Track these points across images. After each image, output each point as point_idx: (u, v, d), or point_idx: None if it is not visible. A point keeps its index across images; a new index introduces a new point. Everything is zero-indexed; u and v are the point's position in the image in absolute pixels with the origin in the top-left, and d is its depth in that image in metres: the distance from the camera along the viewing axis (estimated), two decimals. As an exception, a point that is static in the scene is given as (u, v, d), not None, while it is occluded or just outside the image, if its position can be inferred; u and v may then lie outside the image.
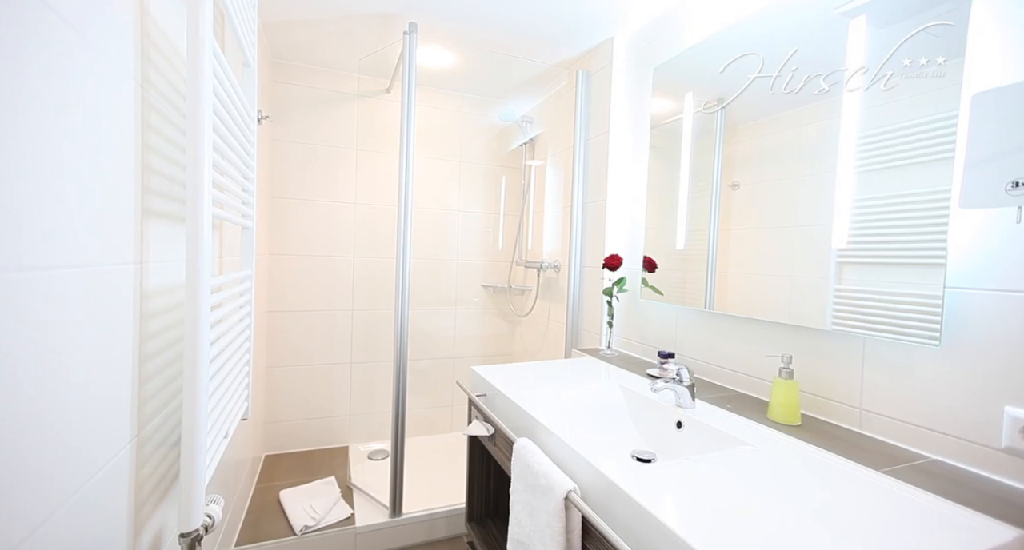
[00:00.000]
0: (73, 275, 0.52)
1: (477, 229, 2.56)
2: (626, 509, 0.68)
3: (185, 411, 0.67)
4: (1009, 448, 0.70)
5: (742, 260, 1.19)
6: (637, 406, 1.17)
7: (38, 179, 0.47)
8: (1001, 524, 0.61)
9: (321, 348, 2.23)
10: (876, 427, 0.88)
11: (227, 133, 0.89)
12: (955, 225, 0.77)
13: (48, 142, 0.48)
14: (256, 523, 1.56)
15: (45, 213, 0.48)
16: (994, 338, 0.73)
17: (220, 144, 0.84)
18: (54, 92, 0.49)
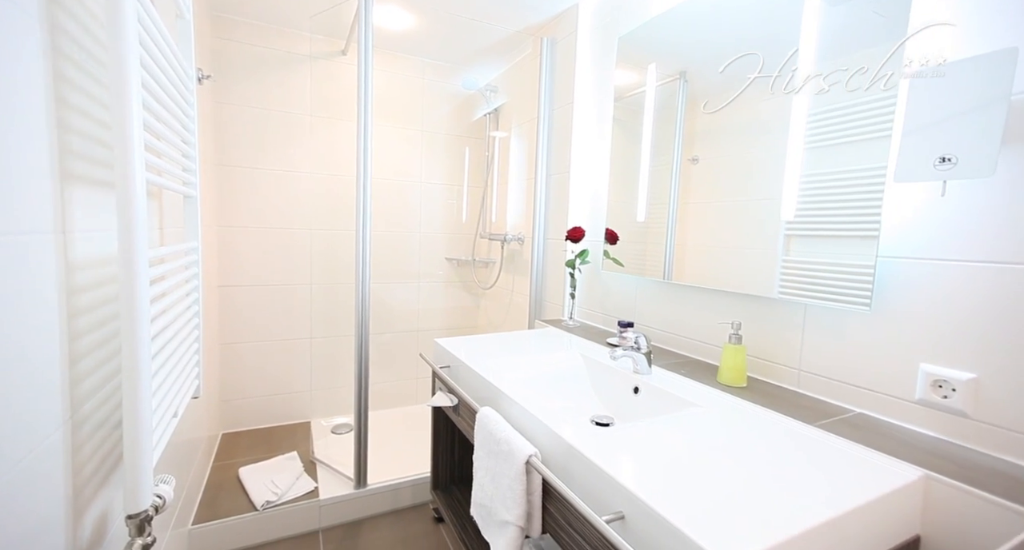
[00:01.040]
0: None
1: (440, 201, 2.51)
2: (584, 470, 0.71)
3: (126, 391, 0.63)
4: (922, 400, 0.78)
5: (699, 233, 1.23)
6: (597, 374, 1.21)
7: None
8: (910, 466, 0.68)
9: (279, 323, 2.16)
10: (812, 386, 0.96)
11: (159, 91, 0.81)
12: (889, 199, 0.82)
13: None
14: (214, 501, 1.54)
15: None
16: (915, 302, 0.79)
17: (152, 102, 0.77)
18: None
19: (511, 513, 0.85)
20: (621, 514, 0.63)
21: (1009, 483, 0.63)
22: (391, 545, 1.52)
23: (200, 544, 1.42)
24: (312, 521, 1.57)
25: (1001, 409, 0.70)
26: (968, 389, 0.72)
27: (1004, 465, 0.68)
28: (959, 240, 0.74)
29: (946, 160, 0.71)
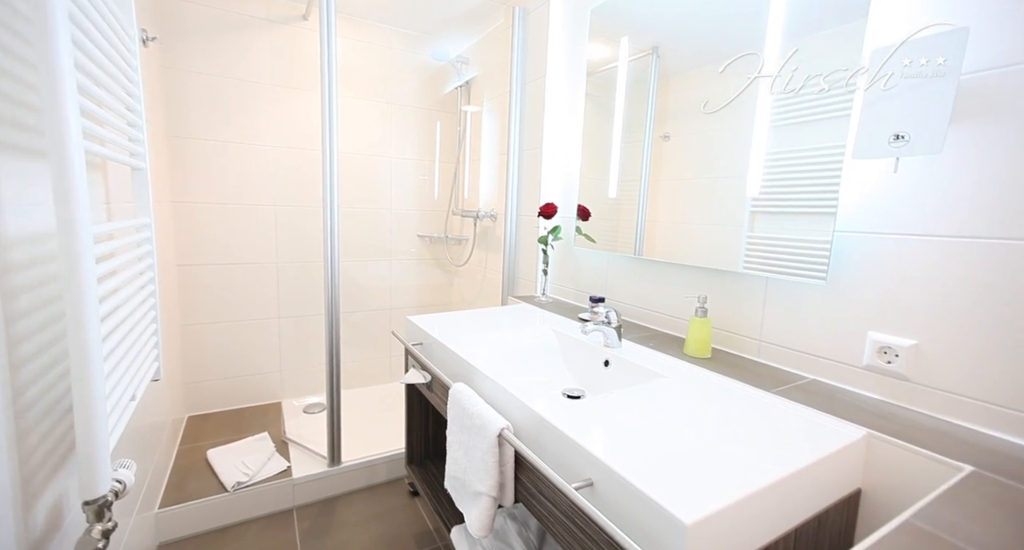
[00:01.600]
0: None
1: (411, 177, 2.44)
2: (555, 441, 0.73)
3: (75, 375, 0.60)
4: (868, 366, 0.83)
5: (670, 209, 1.25)
6: (569, 348, 1.24)
7: None
8: (855, 426, 0.73)
9: (245, 303, 2.09)
10: (771, 355, 1.00)
11: (96, 51, 0.74)
12: (847, 176, 0.85)
13: None
14: (182, 484, 1.51)
15: None
16: (866, 275, 0.83)
17: (86, 63, 0.70)
18: None
19: (484, 484, 0.87)
20: (590, 481, 0.65)
21: (941, 439, 0.69)
22: (367, 519, 1.54)
23: (169, 527, 1.40)
24: (286, 499, 1.56)
25: (937, 372, 0.75)
26: (910, 355, 0.78)
27: (938, 423, 0.74)
28: (908, 215, 0.78)
29: (900, 137, 0.73)
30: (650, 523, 0.55)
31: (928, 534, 0.50)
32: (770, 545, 0.60)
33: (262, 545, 1.41)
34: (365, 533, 1.47)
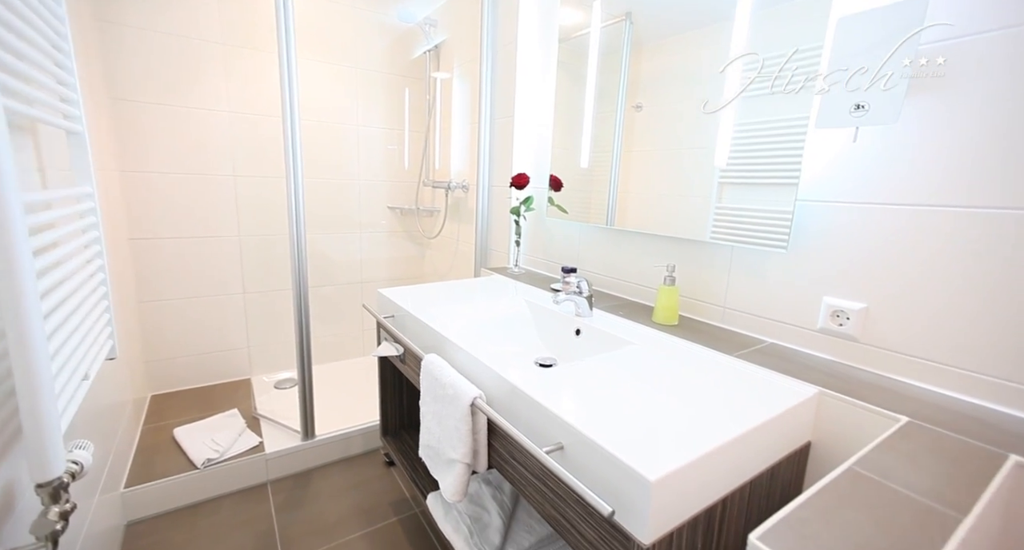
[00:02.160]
0: None
1: (380, 147, 2.35)
2: (527, 408, 0.74)
3: (14, 356, 0.56)
4: (823, 328, 0.88)
5: (642, 180, 1.25)
6: (541, 318, 1.25)
7: None
8: (808, 385, 0.77)
9: (207, 279, 2.00)
10: (735, 321, 1.04)
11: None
12: (809, 146, 0.86)
13: None
14: (148, 463, 1.47)
15: None
16: (824, 242, 0.87)
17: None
18: None
19: (457, 452, 0.89)
20: (560, 445, 0.67)
21: (883, 394, 0.74)
22: (343, 490, 1.55)
23: (137, 506, 1.37)
24: (259, 474, 1.56)
25: (883, 333, 0.80)
26: (859, 317, 0.82)
27: (881, 380, 0.79)
28: (863, 184, 0.80)
29: (860, 107, 0.75)
30: (617, 481, 0.57)
31: (867, 478, 0.54)
32: (727, 496, 0.64)
33: (236, 519, 1.41)
34: (341, 503, 1.49)
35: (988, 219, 0.68)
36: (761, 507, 0.71)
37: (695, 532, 0.62)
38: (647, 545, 0.56)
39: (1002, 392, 0.68)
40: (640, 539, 0.56)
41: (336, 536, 1.36)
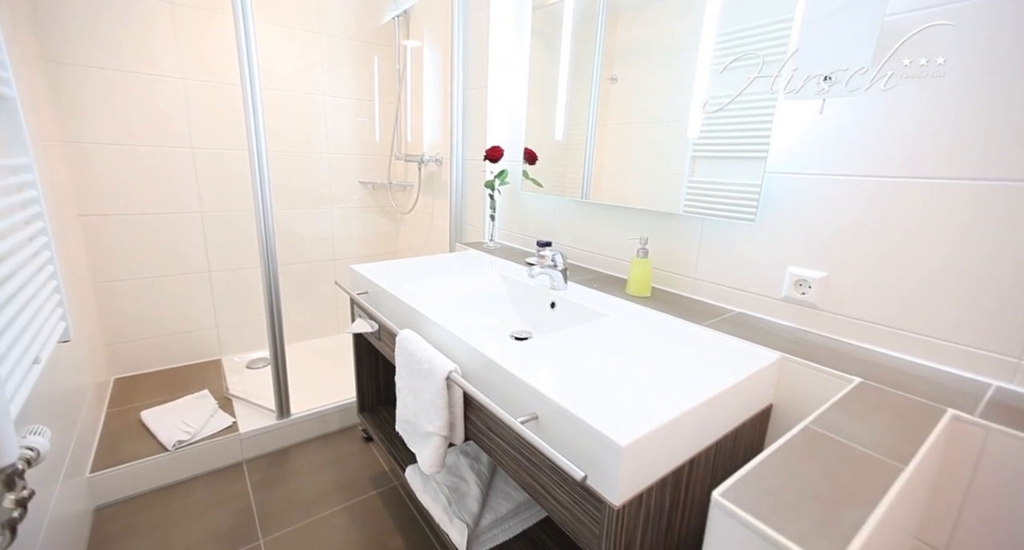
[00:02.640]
0: None
1: (350, 118, 2.26)
2: (502, 380, 0.75)
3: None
4: (786, 297, 0.91)
5: (617, 153, 1.24)
6: (516, 292, 1.25)
7: None
8: (771, 351, 0.81)
9: (168, 257, 1.91)
10: (704, 292, 1.07)
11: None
12: (778, 119, 0.87)
13: None
14: (115, 447, 1.43)
15: None
16: (789, 213, 0.89)
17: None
18: None
19: (433, 425, 0.90)
20: (535, 415, 0.68)
21: (839, 357, 0.78)
22: (321, 466, 1.56)
23: (104, 490, 1.34)
24: (234, 454, 1.54)
25: (841, 301, 0.84)
26: (820, 286, 0.85)
27: (838, 344, 0.83)
28: (827, 156, 0.82)
29: (828, 79, 0.75)
30: (590, 448, 0.59)
31: (821, 435, 0.57)
32: (694, 457, 0.67)
33: (212, 498, 1.40)
34: (320, 479, 1.50)
35: (943, 190, 0.70)
36: (726, 466, 0.74)
37: (663, 492, 0.65)
38: (618, 506, 0.58)
39: (945, 352, 0.73)
40: (611, 501, 0.58)
41: (316, 511, 1.37)
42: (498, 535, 1.08)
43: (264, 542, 1.25)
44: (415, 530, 1.32)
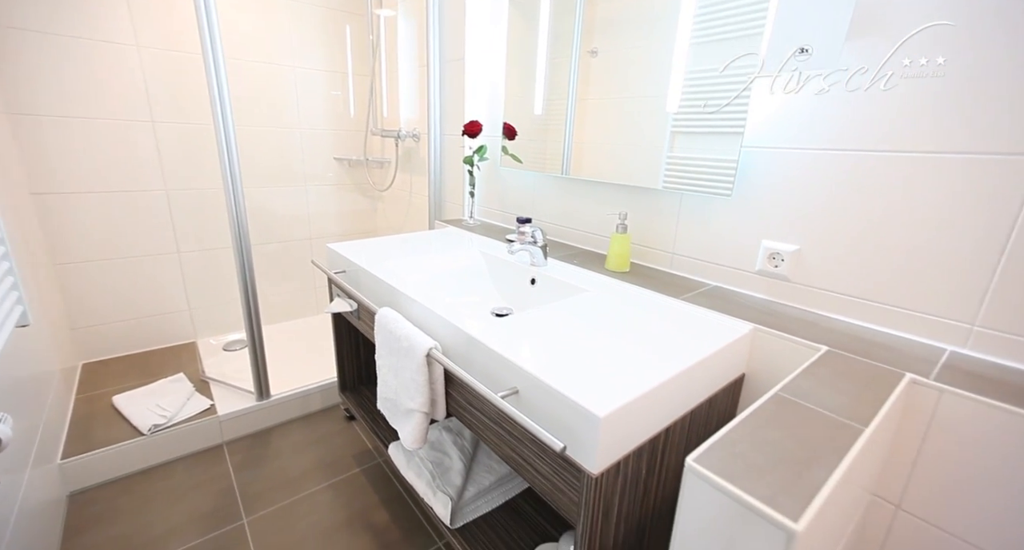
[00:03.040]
0: None
1: (322, 91, 2.16)
2: (482, 356, 0.75)
3: None
4: (760, 270, 0.94)
5: (597, 128, 1.23)
6: (496, 269, 1.25)
7: None
8: (744, 322, 0.83)
9: (133, 237, 1.83)
10: (682, 266, 1.09)
11: None
12: (755, 93, 0.87)
13: None
14: (86, 434, 1.40)
15: None
16: (764, 187, 0.90)
17: None
18: None
19: (415, 402, 0.90)
20: (515, 389, 0.69)
21: (808, 327, 0.81)
22: (304, 446, 1.56)
23: (78, 476, 1.31)
24: (213, 436, 1.53)
25: (812, 273, 0.86)
26: (792, 258, 0.88)
27: (807, 315, 0.86)
28: (805, 129, 0.83)
29: (804, 51, 0.75)
30: (570, 420, 0.60)
31: (789, 402, 0.60)
32: (670, 426, 0.69)
33: (192, 481, 1.39)
34: (303, 458, 1.50)
35: (909, 162, 0.72)
36: (700, 433, 0.77)
37: (640, 460, 0.67)
38: (596, 474, 0.60)
39: (906, 320, 0.76)
40: (590, 470, 0.60)
41: (300, 489, 1.37)
42: (481, 506, 1.11)
43: (248, 521, 1.25)
44: (400, 505, 1.34)
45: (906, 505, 0.69)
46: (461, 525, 1.06)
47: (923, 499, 0.67)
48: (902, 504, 0.70)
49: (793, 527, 0.41)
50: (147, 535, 1.20)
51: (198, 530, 1.22)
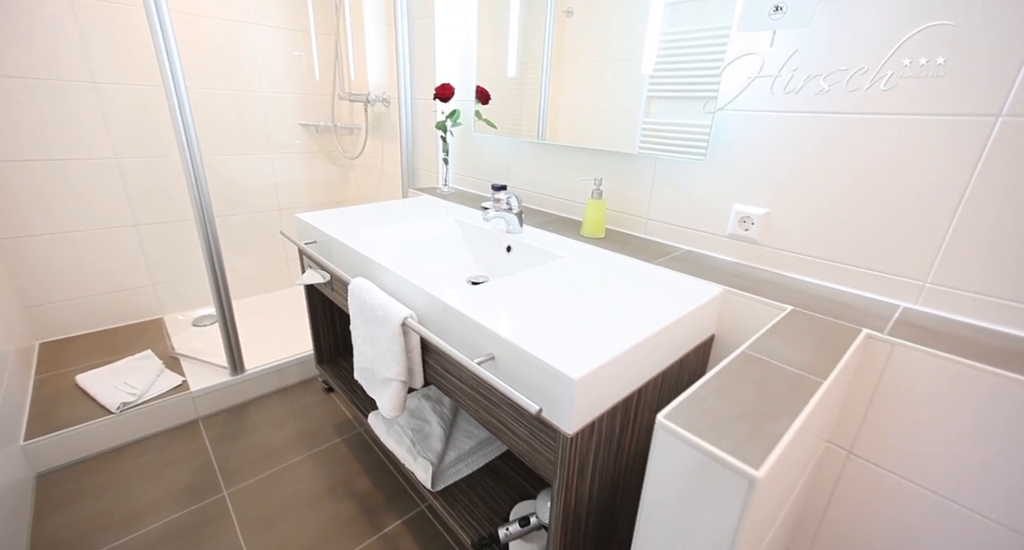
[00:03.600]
0: None
1: (283, 52, 2.03)
2: (459, 324, 0.75)
3: None
4: (731, 234, 0.95)
5: (574, 92, 1.19)
6: (472, 237, 1.23)
7: None
8: (715, 285, 0.85)
9: (83, 210, 1.72)
10: (656, 231, 1.10)
11: None
12: (731, 53, 0.86)
13: None
14: (49, 414, 1.35)
15: None
16: (737, 151, 0.91)
17: None
18: None
19: (392, 371, 0.90)
20: (491, 355, 0.69)
21: (775, 288, 0.83)
22: (282, 419, 1.55)
23: (45, 456, 1.28)
24: (187, 412, 1.50)
25: (779, 236, 0.88)
26: (762, 222, 0.89)
27: (775, 277, 0.89)
28: (777, 91, 0.82)
29: (779, 9, 0.74)
30: (545, 383, 0.61)
31: (755, 359, 0.62)
32: (643, 386, 0.72)
33: (168, 457, 1.37)
34: (283, 430, 1.50)
35: (876, 124, 0.73)
36: (671, 392, 0.80)
37: (614, 419, 0.69)
38: (571, 434, 0.61)
39: (865, 279, 0.79)
40: (565, 430, 0.61)
41: (281, 460, 1.38)
42: (462, 469, 1.14)
43: (229, 493, 1.26)
44: (382, 471, 1.36)
45: (857, 450, 0.74)
46: (442, 488, 1.09)
47: (872, 444, 0.73)
48: (853, 449, 0.75)
49: (754, 474, 0.44)
50: (124, 511, 1.19)
51: (178, 504, 1.21)
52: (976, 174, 0.66)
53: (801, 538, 0.85)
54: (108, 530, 1.13)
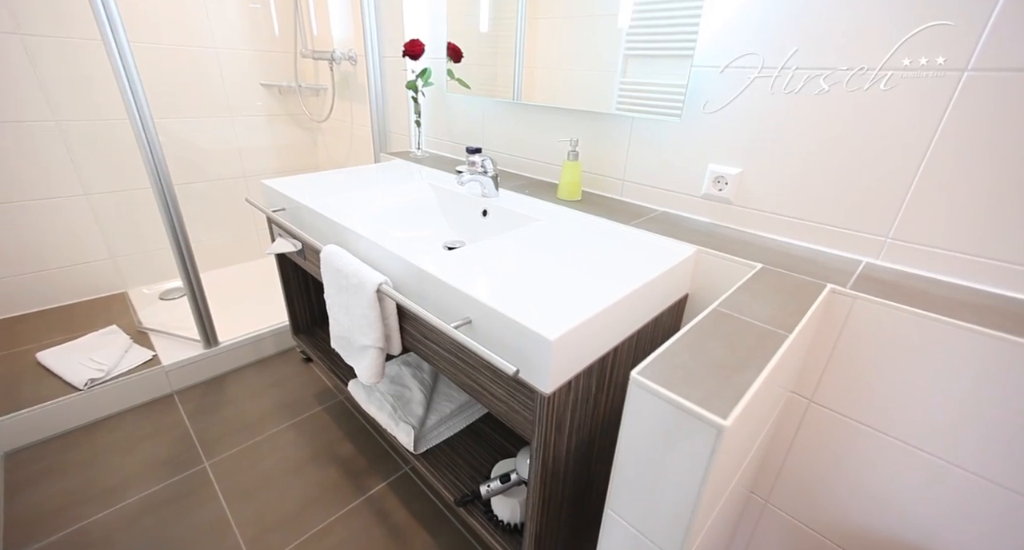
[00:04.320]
0: None
1: (237, 5, 1.87)
2: (435, 289, 0.74)
3: None
4: (705, 194, 0.96)
5: (550, 50, 1.14)
6: (447, 201, 1.21)
7: None
8: (689, 245, 0.86)
9: (25, 179, 1.60)
10: (632, 193, 1.09)
11: None
12: (707, 8, 0.83)
13: None
14: (10, 392, 1.30)
15: None
16: (712, 110, 0.89)
17: None
18: None
19: (368, 338, 0.89)
20: (468, 319, 0.69)
21: (747, 247, 0.85)
22: (261, 390, 1.54)
23: (11, 435, 1.24)
24: (161, 387, 1.47)
25: (752, 195, 0.89)
26: (735, 182, 0.90)
27: (747, 236, 0.90)
28: (752, 47, 0.81)
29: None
30: (522, 345, 0.61)
31: (726, 315, 0.64)
32: (618, 346, 0.73)
33: (142, 431, 1.35)
34: (262, 401, 1.49)
35: (852, 78, 0.73)
36: (646, 350, 0.82)
37: (590, 378, 0.70)
38: (548, 393, 0.63)
39: (831, 236, 0.81)
40: (542, 390, 0.62)
41: (262, 430, 1.38)
42: (443, 432, 1.16)
43: (210, 464, 1.26)
44: (365, 437, 1.38)
45: (818, 398, 0.79)
46: (425, 450, 1.12)
47: (833, 393, 0.77)
48: (814, 398, 0.79)
49: (722, 423, 0.45)
50: (102, 485, 1.18)
51: (157, 477, 1.21)
52: (939, 130, 0.67)
53: (764, 481, 0.91)
54: (87, 503, 1.12)
